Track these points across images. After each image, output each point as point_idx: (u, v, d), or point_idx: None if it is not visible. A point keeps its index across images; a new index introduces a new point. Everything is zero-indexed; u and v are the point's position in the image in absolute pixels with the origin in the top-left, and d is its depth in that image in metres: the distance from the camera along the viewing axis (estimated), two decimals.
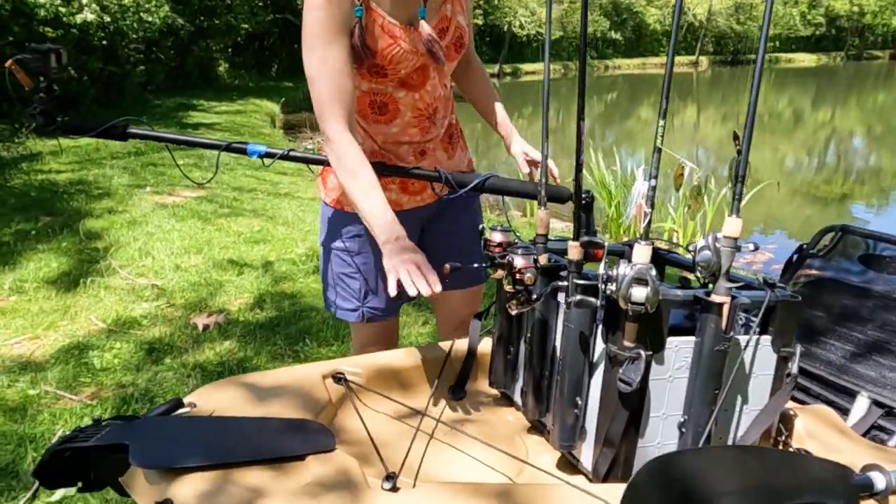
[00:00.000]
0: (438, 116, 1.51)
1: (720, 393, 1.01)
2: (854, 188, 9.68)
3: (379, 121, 1.47)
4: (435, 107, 1.48)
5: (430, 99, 1.47)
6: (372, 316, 1.63)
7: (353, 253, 1.59)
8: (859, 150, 13.99)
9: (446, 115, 1.54)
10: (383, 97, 1.44)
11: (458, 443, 1.15)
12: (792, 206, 8.14)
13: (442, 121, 1.53)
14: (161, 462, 0.91)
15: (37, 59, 1.31)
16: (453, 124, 1.60)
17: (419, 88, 1.44)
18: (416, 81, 1.43)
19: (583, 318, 1.01)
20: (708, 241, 0.99)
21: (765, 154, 12.92)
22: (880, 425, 1.31)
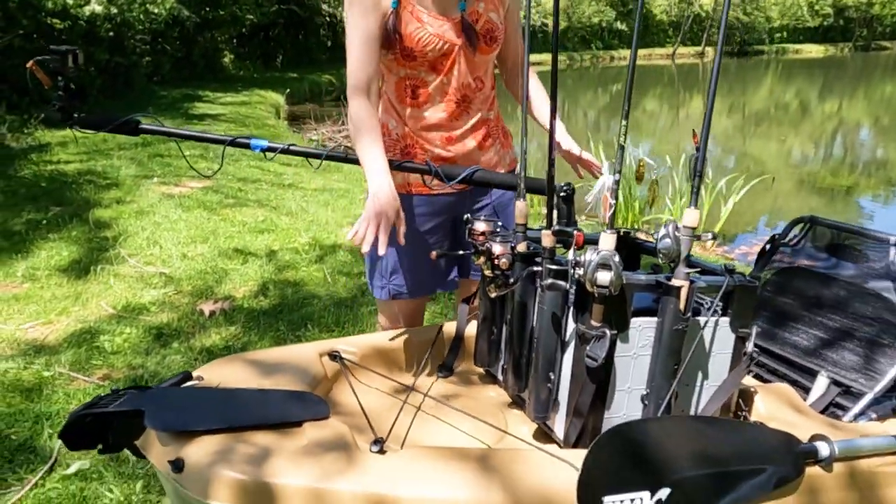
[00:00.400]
0: (471, 105, 1.63)
1: (679, 368, 1.11)
2: (860, 180, 9.70)
3: (412, 105, 1.61)
4: (463, 93, 1.61)
5: (457, 84, 1.59)
6: (396, 293, 1.74)
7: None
8: (866, 141, 13.96)
9: (480, 110, 1.65)
10: (415, 81, 1.59)
11: (443, 415, 1.26)
12: (798, 198, 8.19)
13: (475, 112, 1.64)
14: (173, 426, 1.01)
15: (55, 60, 1.41)
16: (491, 121, 1.69)
17: (447, 73, 1.58)
18: (444, 66, 1.57)
19: (555, 300, 1.11)
20: (668, 231, 1.08)
21: (771, 146, 12.93)
22: (838, 402, 1.41)
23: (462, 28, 1.54)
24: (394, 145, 1.67)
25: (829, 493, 1.09)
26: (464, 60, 1.57)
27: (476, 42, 1.55)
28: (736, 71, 30.38)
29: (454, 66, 1.57)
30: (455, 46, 1.55)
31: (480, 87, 1.62)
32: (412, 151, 1.65)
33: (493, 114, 1.69)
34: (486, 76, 1.64)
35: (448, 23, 1.53)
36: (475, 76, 1.61)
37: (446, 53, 1.55)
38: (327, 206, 5.03)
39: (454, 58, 1.56)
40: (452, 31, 1.54)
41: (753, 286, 1.17)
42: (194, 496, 0.96)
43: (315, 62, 21.21)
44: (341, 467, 0.99)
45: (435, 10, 1.52)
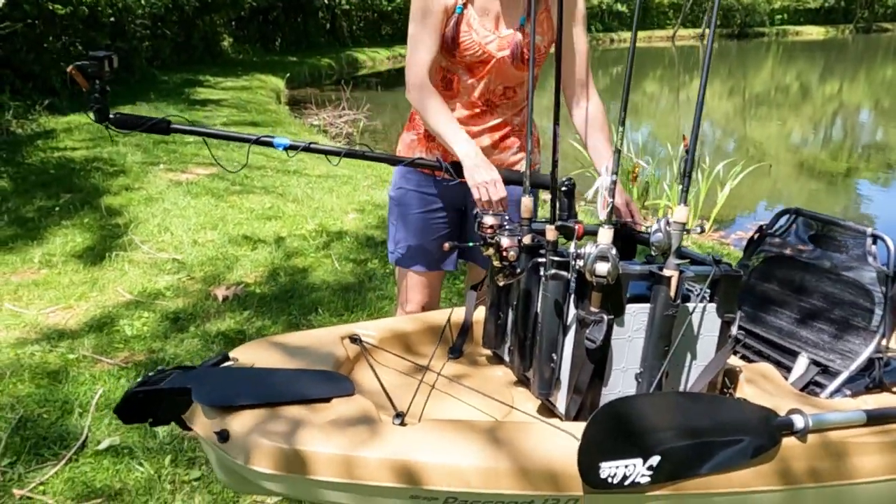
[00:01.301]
0: (495, 110, 1.76)
1: (669, 349, 1.23)
2: (860, 163, 9.78)
3: (443, 93, 1.73)
4: (488, 98, 1.74)
5: (485, 89, 1.73)
6: (399, 260, 1.91)
7: (396, 203, 1.88)
8: (866, 124, 14.00)
9: (504, 115, 1.77)
10: (451, 75, 1.73)
11: (455, 392, 1.38)
12: (798, 182, 8.28)
13: (498, 116, 1.77)
14: (218, 401, 1.14)
15: (94, 65, 1.51)
16: (514, 125, 1.80)
17: (480, 78, 1.71)
18: (480, 72, 1.70)
19: (557, 289, 1.23)
20: (660, 225, 1.20)
21: (771, 129, 12.98)
22: (817, 381, 1.53)
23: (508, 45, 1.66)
24: (420, 125, 1.81)
25: (803, 461, 1.22)
26: (499, 72, 1.70)
27: (516, 60, 1.68)
28: (736, 53, 30.28)
29: (488, 75, 1.70)
30: (493, 58, 1.68)
31: (511, 96, 1.75)
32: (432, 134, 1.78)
33: (520, 119, 1.81)
34: (521, 87, 1.75)
35: (495, 35, 1.66)
36: (507, 87, 1.73)
37: (484, 61, 1.68)
38: (332, 192, 5.14)
39: (490, 68, 1.69)
40: (497, 44, 1.67)
41: (738, 275, 1.29)
42: (238, 462, 1.08)
43: (314, 45, 21.15)
44: (367, 437, 1.11)
45: (490, 21, 1.66)
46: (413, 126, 1.83)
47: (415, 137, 1.82)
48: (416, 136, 1.82)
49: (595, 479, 1.08)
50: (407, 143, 1.85)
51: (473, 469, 1.09)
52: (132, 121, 1.61)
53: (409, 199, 1.83)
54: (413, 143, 1.82)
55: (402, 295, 1.94)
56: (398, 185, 1.85)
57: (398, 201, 1.86)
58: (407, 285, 1.90)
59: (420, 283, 1.89)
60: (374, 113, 10.85)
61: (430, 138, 1.78)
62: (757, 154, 10.38)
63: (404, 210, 1.85)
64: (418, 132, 1.81)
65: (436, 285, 1.94)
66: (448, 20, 1.64)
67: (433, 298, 1.95)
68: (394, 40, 25.16)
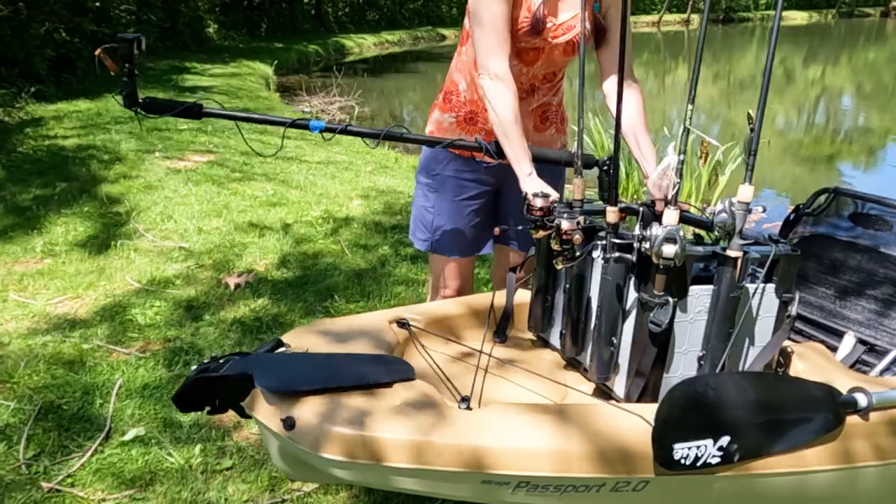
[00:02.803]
0: (537, 92, 1.74)
1: (733, 331, 1.22)
2: (842, 147, 9.87)
3: None
4: (533, 84, 1.72)
5: (530, 77, 1.70)
6: (437, 248, 1.87)
7: (432, 189, 1.83)
8: (849, 108, 14.13)
9: (546, 95, 1.76)
10: None
11: (509, 375, 1.37)
12: (782, 165, 8.33)
13: (539, 98, 1.75)
14: (282, 387, 1.11)
15: (123, 48, 1.46)
16: (552, 105, 1.79)
17: (529, 65, 1.68)
18: (529, 58, 1.67)
19: (619, 272, 1.21)
20: (724, 206, 1.18)
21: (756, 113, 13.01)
22: (864, 360, 1.54)
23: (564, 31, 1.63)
24: (461, 107, 1.77)
25: (866, 438, 1.21)
26: (548, 58, 1.68)
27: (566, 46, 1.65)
28: (721, 38, 30.37)
29: (537, 61, 1.68)
30: (547, 45, 1.65)
31: (551, 78, 1.74)
32: (476, 118, 1.76)
33: (557, 99, 1.80)
34: (560, 71, 1.74)
35: (552, 23, 1.63)
36: (549, 71, 1.71)
37: (538, 48, 1.65)
38: (334, 178, 5.09)
39: (541, 54, 1.66)
40: (553, 32, 1.63)
41: (797, 255, 1.28)
42: (308, 450, 1.06)
43: (300, 31, 20.92)
44: (436, 423, 1.09)
45: (547, 10, 1.62)
46: (450, 107, 1.78)
47: (453, 120, 1.77)
48: (455, 119, 1.77)
49: (669, 461, 1.07)
50: (445, 125, 1.79)
51: (545, 452, 1.07)
52: (163, 105, 1.56)
53: (447, 186, 1.80)
54: (451, 126, 1.77)
55: (438, 280, 1.91)
56: (433, 171, 1.81)
57: (434, 187, 1.82)
58: (444, 271, 1.88)
59: (457, 268, 1.87)
60: (363, 99, 10.76)
61: (473, 121, 1.74)
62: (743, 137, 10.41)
63: (440, 196, 1.81)
64: (457, 114, 1.76)
65: (470, 269, 1.92)
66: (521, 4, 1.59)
67: (468, 282, 1.93)
68: (380, 26, 24.96)
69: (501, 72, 1.58)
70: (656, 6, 36.84)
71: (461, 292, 1.89)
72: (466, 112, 1.75)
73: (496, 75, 1.58)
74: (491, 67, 1.58)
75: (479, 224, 1.83)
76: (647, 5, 36.94)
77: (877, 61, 22.61)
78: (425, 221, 1.86)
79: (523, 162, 1.58)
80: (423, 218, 1.87)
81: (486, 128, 1.72)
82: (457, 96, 1.76)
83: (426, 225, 1.86)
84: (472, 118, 1.74)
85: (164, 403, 2.21)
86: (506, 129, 1.58)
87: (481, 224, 1.84)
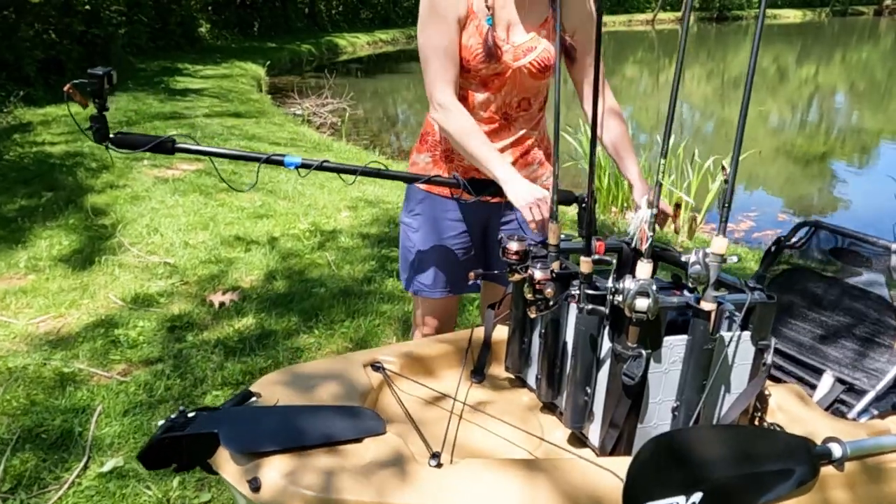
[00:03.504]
0: (513, 123, 1.68)
1: (707, 382, 1.21)
2: (835, 146, 9.89)
3: None
4: (507, 113, 1.66)
5: (501, 102, 1.65)
6: (418, 289, 1.84)
7: (413, 229, 1.81)
8: (842, 107, 14.18)
9: (524, 128, 1.70)
10: (464, 91, 1.65)
11: (483, 422, 1.35)
12: (775, 165, 8.35)
13: (517, 130, 1.69)
14: (248, 447, 1.09)
15: (92, 84, 1.44)
16: (533, 140, 1.74)
17: (496, 91, 1.63)
18: (494, 85, 1.63)
19: (593, 323, 1.20)
20: (698, 257, 1.17)
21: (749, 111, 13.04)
22: (842, 399, 1.52)
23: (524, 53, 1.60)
24: (436, 146, 1.74)
25: (842, 489, 1.20)
26: (515, 83, 1.63)
27: (531, 69, 1.61)
28: (715, 36, 30.40)
29: (503, 87, 1.63)
30: (509, 69, 1.60)
31: (527, 108, 1.68)
32: (452, 156, 1.72)
33: (538, 134, 1.75)
34: (535, 98, 1.69)
35: (509, 45, 1.59)
36: (522, 98, 1.66)
37: (500, 73, 1.60)
38: (323, 188, 5.06)
39: (507, 79, 1.62)
40: (512, 54, 1.59)
41: (773, 302, 1.27)
42: None
43: (293, 30, 20.85)
44: (404, 483, 1.08)
45: (503, 32, 1.58)
46: (427, 147, 1.75)
47: (430, 160, 1.75)
48: (432, 158, 1.74)
49: None
50: (422, 165, 1.76)
51: None
52: (134, 140, 1.54)
53: (427, 226, 1.76)
54: (428, 166, 1.74)
55: (418, 318, 1.89)
56: (413, 211, 1.78)
57: (415, 227, 1.79)
58: (425, 310, 1.86)
59: (440, 307, 1.85)
60: (356, 101, 10.73)
61: (449, 159, 1.72)
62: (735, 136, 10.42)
63: (421, 236, 1.78)
64: (434, 153, 1.74)
65: (453, 308, 1.91)
66: (472, 33, 1.56)
67: (450, 321, 1.91)
68: (373, 24, 24.88)
69: (447, 101, 1.56)
70: (651, 5, 36.82)
71: (441, 330, 1.87)
72: (442, 150, 1.72)
73: (440, 105, 1.56)
74: (436, 98, 1.57)
75: (464, 264, 1.79)
76: (642, 4, 36.92)
77: (870, 60, 22.69)
78: (407, 261, 1.83)
79: (496, 164, 1.54)
80: (405, 257, 1.84)
81: (462, 164, 1.70)
82: (432, 136, 1.73)
83: (408, 265, 1.83)
84: (449, 156, 1.72)
85: (143, 432, 2.19)
86: (464, 141, 1.56)
87: (466, 264, 1.80)
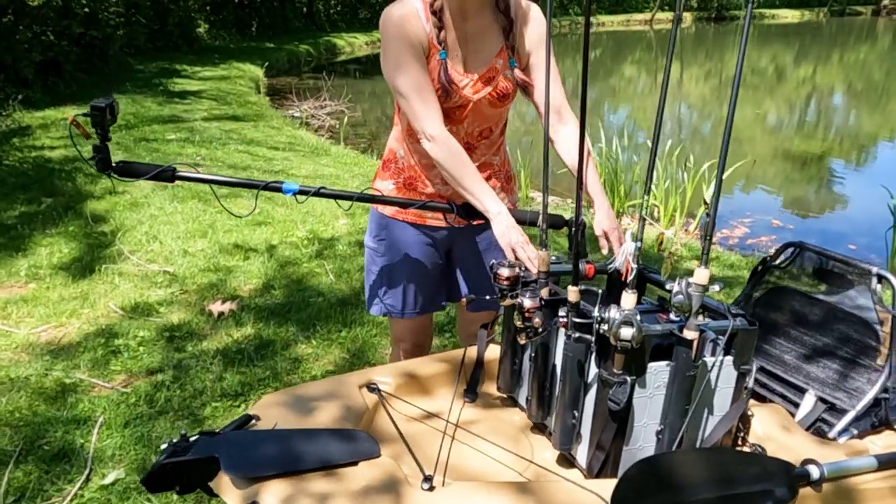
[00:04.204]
0: (475, 151, 1.72)
1: (690, 406, 1.25)
2: (833, 145, 9.96)
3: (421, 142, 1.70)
4: (469, 143, 1.71)
5: (464, 132, 1.69)
6: (388, 311, 1.89)
7: (378, 253, 1.86)
8: (839, 107, 14.25)
9: (485, 154, 1.75)
10: None
11: (475, 443, 1.39)
12: (772, 168, 8.41)
13: (478, 157, 1.74)
14: (248, 472, 1.14)
15: (95, 115, 1.48)
16: (495, 165, 1.78)
17: (458, 122, 1.67)
18: (457, 116, 1.67)
19: (580, 349, 1.24)
20: (681, 287, 1.21)
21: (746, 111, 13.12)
22: (824, 419, 1.57)
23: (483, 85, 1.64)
24: (399, 173, 1.78)
25: None
26: (477, 113, 1.67)
27: (490, 99, 1.65)
28: (713, 36, 30.45)
29: (465, 118, 1.67)
30: (470, 102, 1.65)
31: (488, 135, 1.73)
32: (415, 184, 1.77)
33: (499, 159, 1.79)
34: (497, 125, 1.74)
35: (467, 78, 1.63)
36: (484, 127, 1.71)
37: (462, 106, 1.65)
38: None
39: (468, 111, 1.66)
40: (472, 87, 1.63)
41: (754, 328, 1.31)
42: None
43: (291, 30, 20.85)
44: None
45: (460, 66, 1.62)
46: (390, 174, 1.79)
47: (392, 187, 1.78)
48: (395, 185, 1.78)
49: None
50: (386, 192, 1.79)
51: None
52: (136, 169, 1.58)
53: (392, 250, 1.81)
54: (392, 193, 1.78)
55: (396, 335, 1.95)
56: (378, 236, 1.82)
57: (381, 252, 1.83)
58: (399, 328, 1.92)
59: (413, 325, 1.90)
60: (354, 102, 10.76)
61: (412, 187, 1.76)
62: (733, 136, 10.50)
63: (387, 260, 1.82)
64: (397, 181, 1.78)
65: (428, 323, 1.96)
66: (432, 68, 1.60)
67: (427, 336, 1.97)
68: (371, 24, 24.87)
69: (436, 132, 1.59)
70: (649, 4, 36.87)
71: (420, 345, 1.93)
72: (405, 178, 1.76)
73: (431, 136, 1.59)
74: (426, 130, 1.59)
75: (430, 284, 1.85)
76: (640, 3, 36.97)
77: (867, 60, 22.76)
78: (375, 286, 1.87)
79: (487, 199, 1.58)
80: (371, 280, 1.88)
81: (424, 192, 1.75)
82: (395, 163, 1.78)
83: (374, 288, 1.87)
84: (412, 184, 1.76)
85: (143, 444, 2.24)
86: (462, 179, 1.60)
87: (432, 284, 1.86)
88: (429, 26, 1.59)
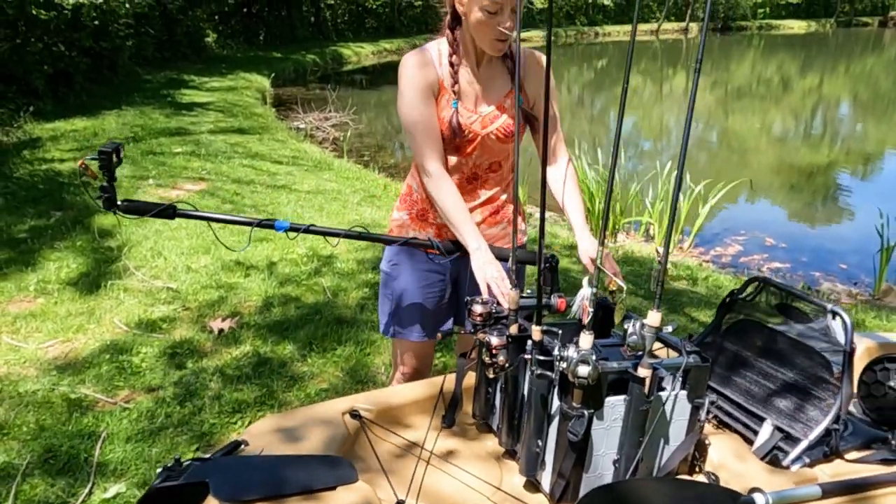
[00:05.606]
0: (483, 185, 1.86)
1: (644, 438, 1.36)
2: (839, 156, 10.03)
3: None
4: (476, 173, 1.85)
5: (472, 165, 1.84)
6: (395, 333, 2.02)
7: (392, 278, 1.98)
8: (845, 117, 14.30)
9: (493, 189, 1.88)
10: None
11: (448, 469, 1.50)
12: (772, 179, 8.49)
13: (487, 191, 1.87)
14: (236, 496, 1.25)
15: (103, 159, 1.61)
16: (502, 200, 1.91)
17: (467, 156, 1.82)
18: (466, 150, 1.81)
19: (543, 384, 1.35)
20: (636, 329, 1.32)
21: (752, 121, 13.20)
22: (780, 447, 1.67)
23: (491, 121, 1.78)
24: (413, 205, 1.93)
25: None
26: (484, 147, 1.81)
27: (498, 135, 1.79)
28: (719, 47, 30.54)
29: (474, 152, 1.81)
30: (478, 136, 1.79)
31: (497, 169, 1.86)
32: (426, 215, 1.91)
33: (507, 196, 1.92)
34: (505, 161, 1.87)
35: (476, 115, 1.78)
36: (493, 161, 1.84)
37: (470, 140, 1.79)
38: (321, 210, 5.22)
39: (476, 145, 1.80)
40: (480, 122, 1.78)
41: (707, 365, 1.42)
42: None
43: (298, 40, 21.07)
44: None
45: (470, 102, 1.77)
46: (406, 206, 1.93)
47: (406, 217, 1.93)
48: (409, 215, 1.92)
49: None
50: (400, 223, 1.95)
51: None
52: (140, 207, 1.70)
53: (404, 276, 1.93)
54: (405, 224, 1.93)
55: (398, 359, 2.06)
56: (392, 261, 1.96)
57: (393, 276, 1.96)
58: (403, 353, 2.02)
59: (416, 350, 2.01)
60: (359, 113, 10.91)
61: (423, 218, 1.89)
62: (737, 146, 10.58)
63: (399, 285, 1.95)
64: (410, 211, 1.92)
65: (430, 350, 2.07)
66: (442, 110, 1.74)
67: (428, 362, 2.07)
68: (378, 34, 25.11)
69: (435, 170, 1.75)
70: (655, 15, 37.00)
71: (420, 370, 2.03)
72: (419, 209, 1.90)
73: (431, 174, 1.75)
74: (427, 167, 1.76)
75: (437, 311, 1.97)
76: (647, 14, 37.11)
77: (874, 71, 22.79)
78: (387, 307, 2.00)
79: (470, 237, 1.73)
80: (385, 303, 2.01)
81: (436, 222, 1.88)
82: (410, 196, 1.92)
83: (388, 311, 2.00)
84: (424, 215, 1.89)
85: (144, 459, 2.35)
86: (449, 214, 1.76)
87: (439, 311, 1.97)
88: (441, 70, 1.75)
